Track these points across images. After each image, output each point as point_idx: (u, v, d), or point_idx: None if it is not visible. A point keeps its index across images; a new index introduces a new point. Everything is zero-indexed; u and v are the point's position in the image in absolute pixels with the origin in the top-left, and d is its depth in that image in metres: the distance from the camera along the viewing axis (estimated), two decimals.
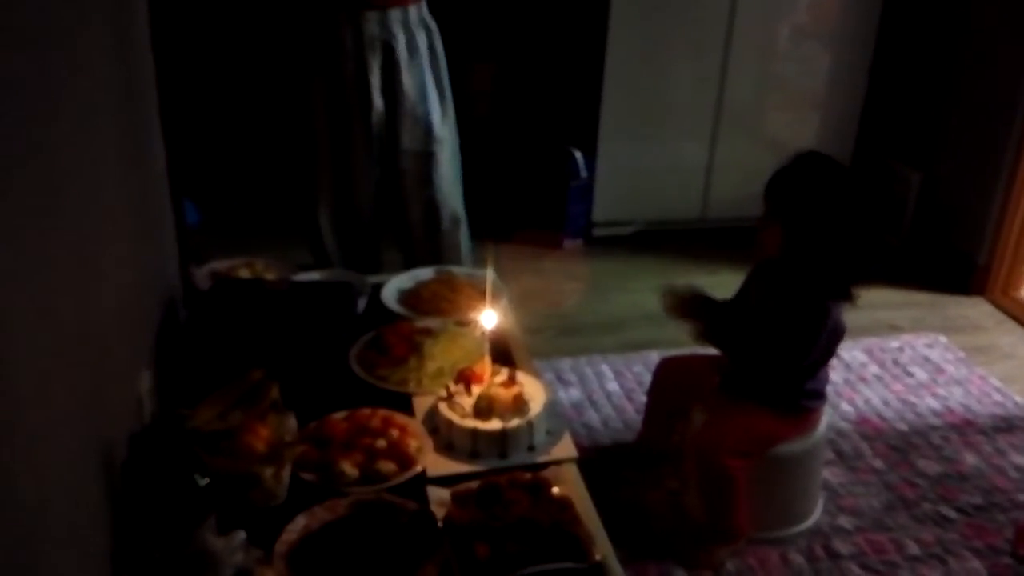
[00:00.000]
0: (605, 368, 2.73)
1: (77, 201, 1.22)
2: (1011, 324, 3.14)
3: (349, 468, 1.48)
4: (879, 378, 2.77)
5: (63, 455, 1.07)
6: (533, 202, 3.60)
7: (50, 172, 1.09)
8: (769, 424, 1.96)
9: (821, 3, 3.44)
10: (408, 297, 2.06)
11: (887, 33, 3.51)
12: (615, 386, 2.65)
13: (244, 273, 2.02)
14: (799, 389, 1.97)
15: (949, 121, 3.43)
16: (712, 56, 3.40)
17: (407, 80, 2.37)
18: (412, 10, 2.35)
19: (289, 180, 2.75)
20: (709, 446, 1.92)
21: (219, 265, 2.04)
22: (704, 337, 1.96)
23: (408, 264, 2.52)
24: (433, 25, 2.43)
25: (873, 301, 3.23)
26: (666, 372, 2.23)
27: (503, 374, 1.68)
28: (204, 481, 1.28)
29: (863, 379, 2.76)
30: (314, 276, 2.05)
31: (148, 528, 1.24)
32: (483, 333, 1.70)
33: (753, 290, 2.03)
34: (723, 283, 2.21)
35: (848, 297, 1.89)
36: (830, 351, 1.98)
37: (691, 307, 2.01)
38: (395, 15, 2.32)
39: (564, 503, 1.39)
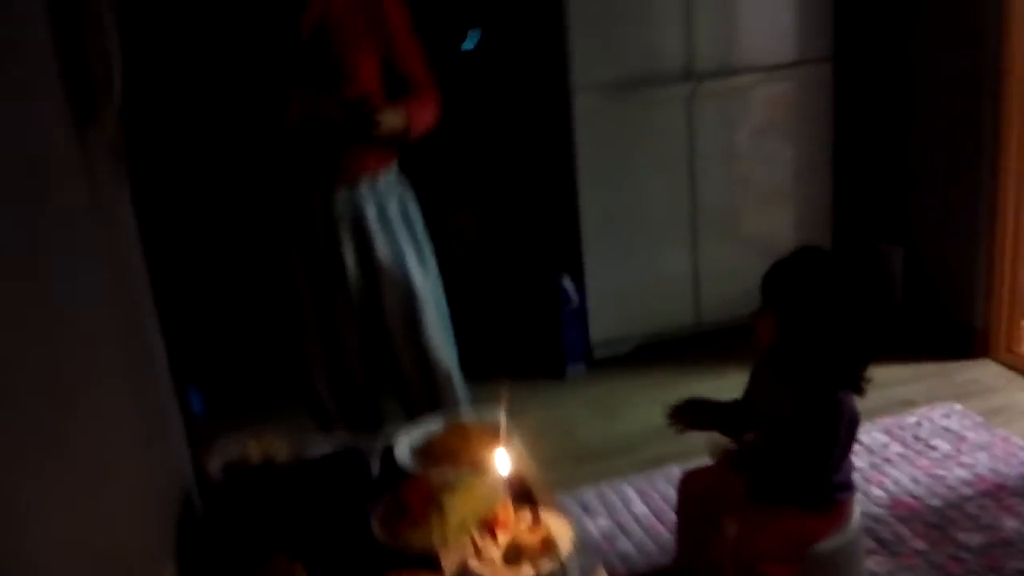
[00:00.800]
0: (629, 491, 2.69)
1: (89, 406, 1.24)
2: (1021, 381, 3.13)
3: None
4: (903, 457, 2.74)
5: None
6: (530, 335, 3.64)
7: (61, 379, 1.11)
8: (803, 525, 1.93)
9: (774, 101, 3.57)
10: (421, 452, 2.05)
11: (844, 118, 3.64)
12: (643, 508, 2.60)
13: (254, 448, 2.00)
14: (827, 484, 1.95)
15: (919, 192, 3.51)
16: (679, 167, 3.50)
17: (382, 249, 2.41)
18: (381, 177, 2.40)
19: (282, 350, 2.77)
20: (747, 558, 1.88)
21: (227, 449, 2.03)
22: (733, 462, 1.95)
23: (410, 415, 2.51)
24: (404, 186, 2.49)
25: (882, 379, 3.18)
26: (690, 487, 2.20)
27: (526, 516, 1.66)
28: None
29: (888, 460, 2.72)
30: (324, 447, 2.04)
31: None
32: (502, 478, 1.69)
33: (760, 389, 2.03)
34: (729, 385, 2.21)
35: (858, 386, 1.89)
36: (851, 441, 1.96)
37: (696, 416, 2.01)
38: (364, 186, 2.37)
39: None
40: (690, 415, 2.01)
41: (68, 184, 1.37)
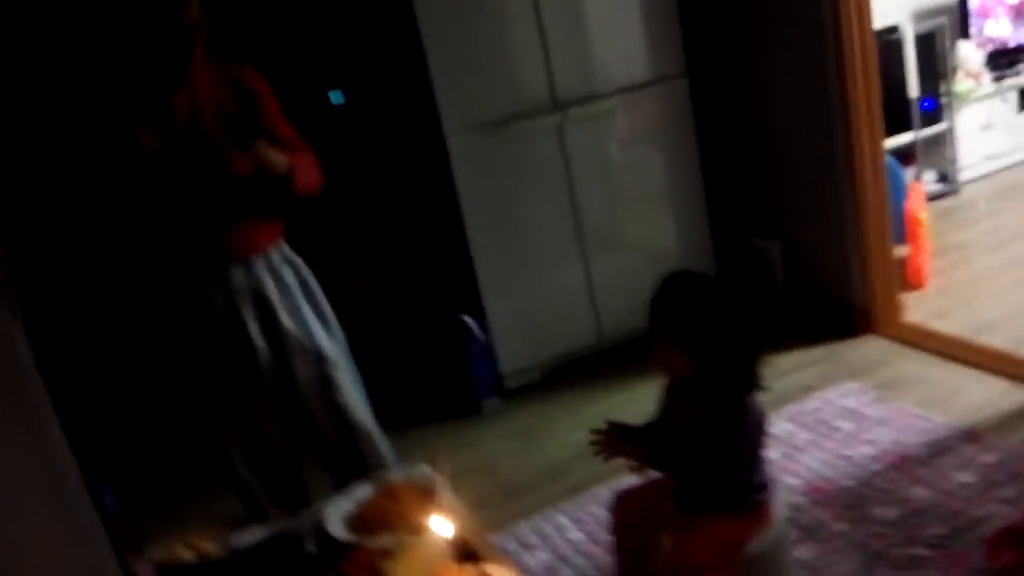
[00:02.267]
0: (562, 519, 2.74)
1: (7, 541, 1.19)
2: (908, 351, 3.33)
3: None
4: (811, 442, 2.87)
5: None
6: (441, 377, 3.65)
7: None
8: (731, 530, 2.00)
9: (638, 116, 3.69)
10: (355, 522, 2.04)
11: (706, 125, 3.80)
12: (578, 535, 2.65)
13: (185, 553, 1.96)
14: (746, 487, 2.03)
15: (787, 187, 3.70)
16: (559, 192, 3.59)
17: (285, 319, 2.41)
18: (274, 253, 2.41)
19: (194, 436, 2.71)
20: (684, 569, 1.94)
21: (157, 552, 1.98)
22: (646, 466, 2.02)
23: (338, 483, 2.49)
24: (296, 258, 2.49)
25: (777, 369, 3.38)
26: (623, 507, 2.25)
27: (471, 571, 1.68)
28: None
29: (797, 448, 2.85)
30: (256, 534, 2.01)
31: None
32: (440, 538, 1.70)
33: (675, 411, 2.10)
34: (638, 397, 2.29)
35: (758, 385, 1.99)
36: (760, 440, 2.05)
37: (620, 443, 2.07)
38: (258, 262, 2.38)
39: None
40: (613, 441, 2.07)
41: None
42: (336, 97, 3.75)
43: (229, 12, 2.71)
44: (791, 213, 3.73)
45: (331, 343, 2.51)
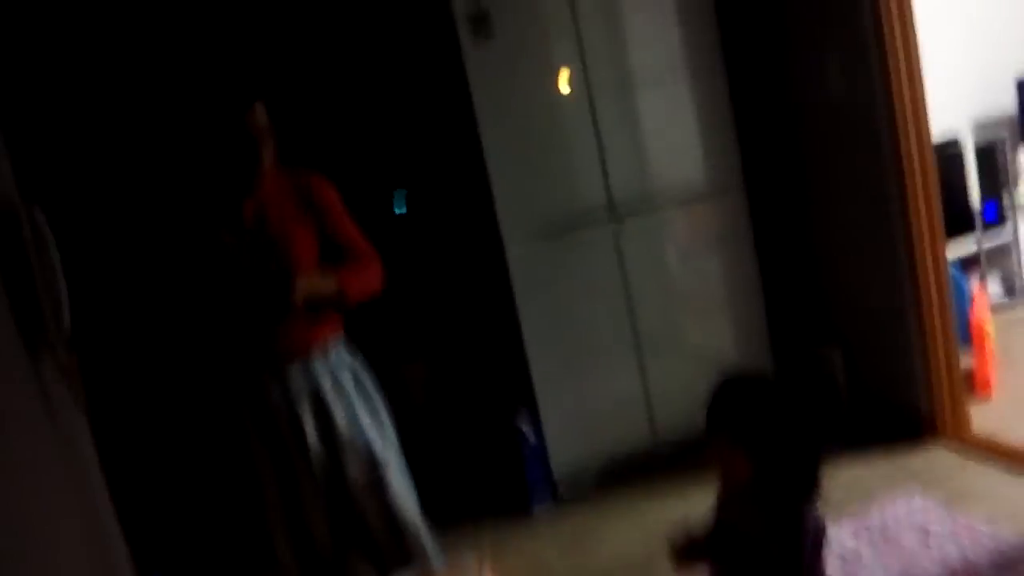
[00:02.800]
0: None
1: None
2: (974, 465, 3.21)
3: None
4: (872, 556, 2.76)
5: None
6: (493, 477, 3.64)
7: None
8: None
9: (695, 226, 3.75)
10: None
11: (764, 234, 3.83)
12: None
13: None
14: None
15: (847, 294, 3.68)
16: (616, 298, 3.63)
17: (340, 419, 2.46)
18: (332, 349, 2.48)
19: (246, 532, 2.74)
20: None
21: None
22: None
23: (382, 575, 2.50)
24: (354, 358, 2.56)
25: (840, 478, 3.29)
26: None
27: None
28: None
29: (859, 562, 2.75)
30: None
31: None
32: None
33: (731, 516, 2.06)
34: (694, 503, 2.23)
35: (818, 492, 1.94)
36: (819, 553, 1.99)
37: (694, 552, 2.03)
38: (317, 361, 2.45)
39: None
40: (686, 551, 2.03)
41: (24, 412, 1.40)
42: (399, 206, 3.89)
43: (299, 120, 2.86)
44: (853, 321, 3.69)
45: (383, 444, 2.55)
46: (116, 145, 3.31)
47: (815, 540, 1.96)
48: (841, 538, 2.89)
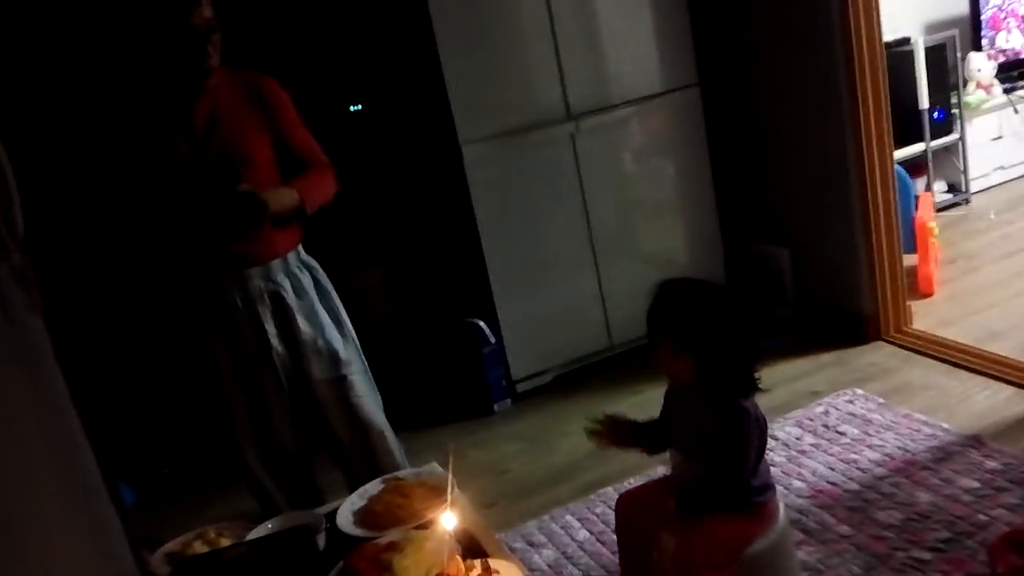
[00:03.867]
0: (569, 519, 2.78)
1: (26, 532, 1.25)
2: (915, 358, 3.36)
3: None
4: (816, 446, 2.90)
5: None
6: (453, 380, 3.71)
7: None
8: (733, 529, 2.04)
9: (650, 126, 3.76)
10: (363, 516, 2.09)
11: (717, 135, 3.85)
12: (585, 534, 2.69)
13: (199, 546, 2.01)
14: (748, 488, 2.07)
15: (797, 196, 3.74)
16: (572, 200, 3.65)
17: (301, 321, 2.47)
18: (291, 256, 2.47)
19: (211, 435, 2.78)
20: (686, 568, 1.98)
21: (172, 545, 2.03)
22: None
23: (351, 482, 2.55)
24: (313, 262, 2.56)
25: (786, 375, 3.43)
26: (626, 507, 2.29)
27: (477, 567, 1.72)
28: None
29: (803, 452, 2.88)
30: (268, 528, 2.06)
31: None
32: (448, 533, 1.75)
33: (677, 413, 2.14)
34: (646, 400, 2.33)
35: (757, 387, 2.03)
36: (763, 442, 2.09)
37: (616, 433, 2.13)
38: (276, 265, 2.44)
39: None
40: (610, 432, 2.12)
41: None
42: (354, 105, 3.83)
43: (248, 24, 2.78)
44: (801, 222, 3.77)
45: (345, 345, 2.57)
46: (61, 43, 3.18)
47: (758, 432, 2.05)
48: (786, 430, 3.02)
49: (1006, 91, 4.97)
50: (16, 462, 1.32)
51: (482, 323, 3.57)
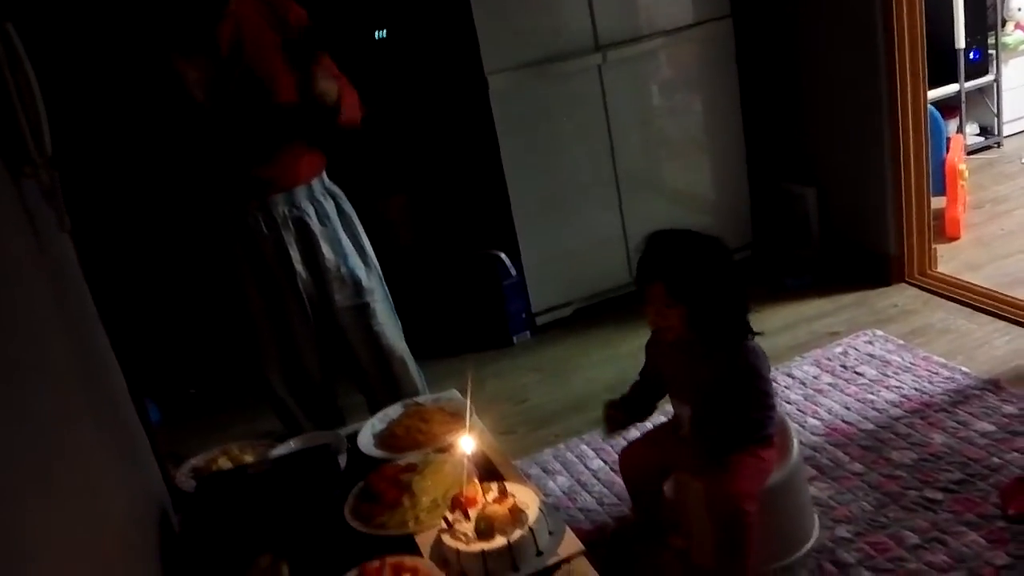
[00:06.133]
0: (584, 448, 2.82)
1: (56, 440, 1.29)
2: (937, 301, 3.34)
3: None
4: (834, 385, 2.91)
5: None
6: (474, 311, 3.73)
7: (23, 417, 1.17)
8: (758, 462, 2.06)
9: (680, 59, 3.70)
10: (384, 439, 2.14)
11: (748, 70, 3.78)
12: (599, 463, 2.74)
13: (223, 462, 2.07)
14: (761, 423, 2.07)
15: (824, 133, 3.68)
16: (597, 133, 3.61)
17: (325, 247, 2.49)
18: (315, 183, 2.49)
19: (237, 357, 2.83)
20: (724, 508, 2.00)
21: (197, 461, 2.10)
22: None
23: (372, 405, 2.60)
24: (336, 190, 2.57)
25: (807, 314, 3.43)
26: (629, 461, 2.31)
27: (493, 490, 1.76)
28: None
29: (819, 391, 2.90)
30: (291, 446, 2.11)
31: None
32: (466, 456, 1.79)
33: (675, 371, 2.15)
34: None
35: (751, 332, 2.03)
36: (768, 379, 2.10)
37: (617, 423, 2.17)
38: (300, 192, 2.45)
39: None
40: (610, 421, 2.16)
41: (10, 234, 1.41)
42: (379, 31, 3.78)
43: None
44: (829, 161, 3.72)
45: (367, 273, 2.60)
46: None
47: (764, 370, 2.06)
48: (803, 368, 3.03)
49: None
50: (46, 374, 1.36)
51: (503, 255, 3.58)
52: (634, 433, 2.45)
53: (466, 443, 1.78)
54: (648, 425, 2.46)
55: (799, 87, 3.74)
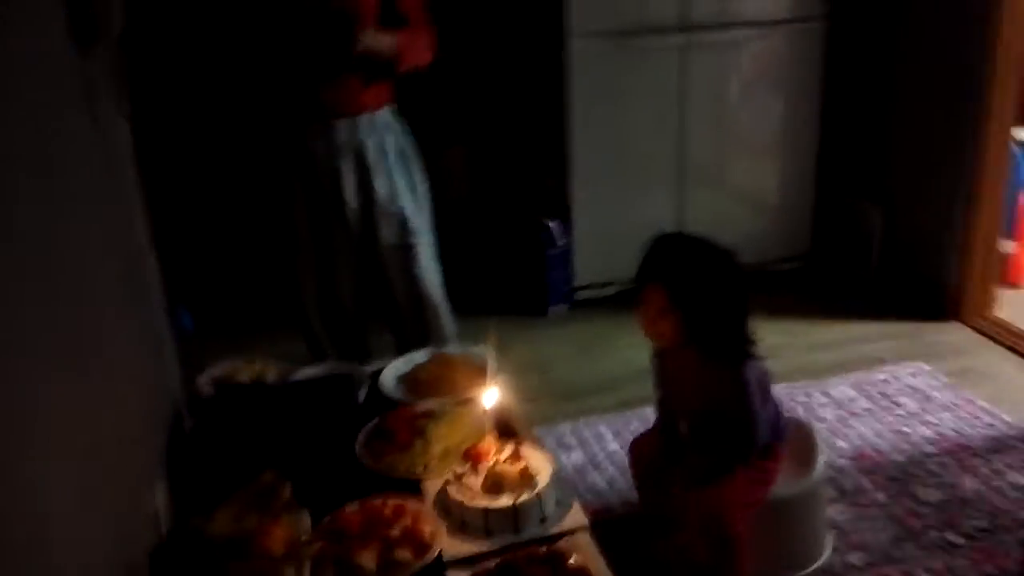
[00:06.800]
0: (604, 429, 2.78)
1: (84, 321, 1.27)
2: (989, 345, 3.22)
3: (367, 560, 1.50)
4: (870, 412, 2.82)
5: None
6: (515, 274, 3.69)
7: (57, 295, 1.15)
8: (760, 473, 1.99)
9: (766, 55, 3.58)
10: (406, 381, 2.11)
11: (834, 76, 3.66)
12: (615, 446, 2.69)
13: (244, 374, 2.05)
14: (758, 439, 1.98)
15: (900, 154, 3.56)
16: (670, 117, 3.52)
17: (379, 181, 2.46)
18: (380, 114, 2.45)
19: (275, 278, 2.82)
20: (714, 511, 1.94)
21: (219, 370, 2.08)
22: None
23: (401, 347, 2.58)
24: (401, 126, 2.53)
25: (854, 335, 3.33)
26: (639, 452, 2.24)
27: (508, 449, 1.72)
28: None
29: (854, 414, 2.81)
30: (313, 371, 2.09)
31: None
32: (485, 411, 1.75)
33: (672, 384, 2.07)
34: None
35: (750, 352, 1.91)
36: (768, 398, 1.99)
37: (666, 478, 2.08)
38: (364, 121, 2.41)
39: (582, 573, 1.42)
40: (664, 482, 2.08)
41: (70, 109, 1.39)
42: None
43: None
44: (903, 183, 3.59)
45: (418, 214, 2.56)
46: None
47: (760, 390, 1.95)
48: (841, 388, 2.95)
49: None
50: (81, 260, 1.34)
51: (553, 223, 3.52)
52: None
53: (489, 396, 1.73)
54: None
55: (886, 103, 3.60)
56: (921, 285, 3.51)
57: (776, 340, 3.03)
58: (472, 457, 1.69)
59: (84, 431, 1.15)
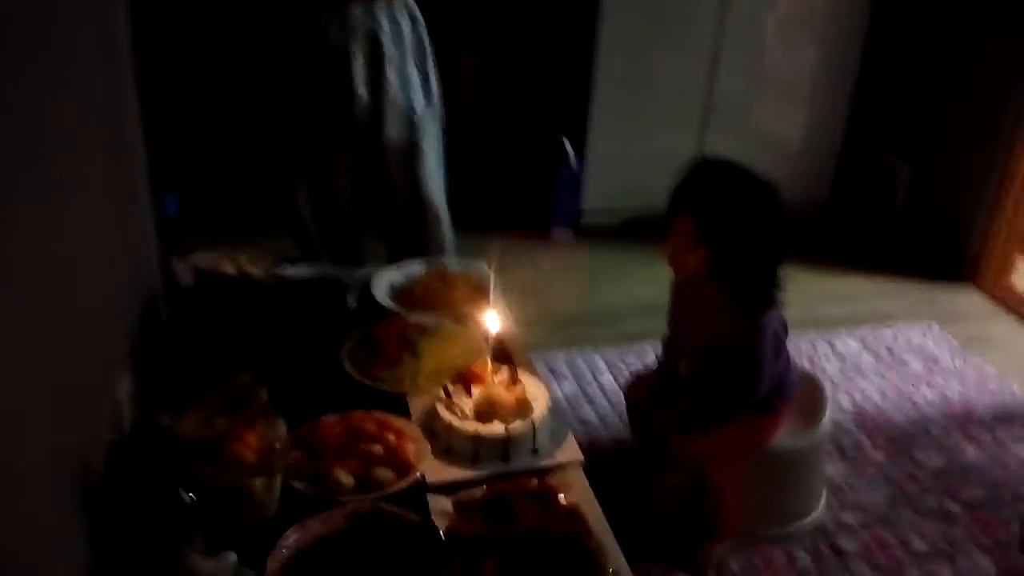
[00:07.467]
0: (598, 361, 2.67)
1: (49, 191, 1.13)
2: (1003, 314, 3.12)
3: (344, 476, 1.40)
4: (874, 369, 2.73)
5: (32, 467, 0.98)
6: (522, 191, 3.54)
7: (25, 159, 1.01)
8: (745, 431, 1.88)
9: None
10: (400, 292, 1.98)
11: (877, 26, 3.46)
12: (610, 380, 2.59)
13: (228, 267, 1.92)
14: (760, 398, 1.88)
15: (939, 114, 3.39)
16: (702, 49, 3.34)
17: (391, 70, 2.32)
18: (396, 1, 2.30)
19: (270, 167, 2.68)
20: (696, 460, 1.84)
21: (201, 259, 1.95)
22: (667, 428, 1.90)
23: (393, 257, 2.46)
24: (419, 16, 2.38)
25: (865, 290, 3.22)
26: (635, 392, 2.14)
27: (504, 374, 1.61)
28: (189, 497, 1.20)
29: (859, 369, 2.72)
30: (302, 271, 1.96)
31: (129, 549, 1.16)
32: (485, 332, 1.63)
33: (684, 321, 1.93)
34: None
35: (773, 302, 1.77)
36: (779, 352, 1.86)
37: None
38: (380, 6, 2.27)
39: (573, 513, 1.32)
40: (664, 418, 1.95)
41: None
42: None
43: None
44: (937, 142, 3.42)
45: (426, 111, 2.42)
46: None
47: (776, 343, 1.83)
48: (847, 341, 2.85)
49: None
50: (61, 135, 1.20)
51: (568, 142, 3.36)
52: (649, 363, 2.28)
53: (491, 319, 1.61)
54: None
55: (930, 58, 3.41)
56: (941, 246, 3.38)
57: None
58: (466, 379, 1.58)
59: (34, 302, 1.02)
